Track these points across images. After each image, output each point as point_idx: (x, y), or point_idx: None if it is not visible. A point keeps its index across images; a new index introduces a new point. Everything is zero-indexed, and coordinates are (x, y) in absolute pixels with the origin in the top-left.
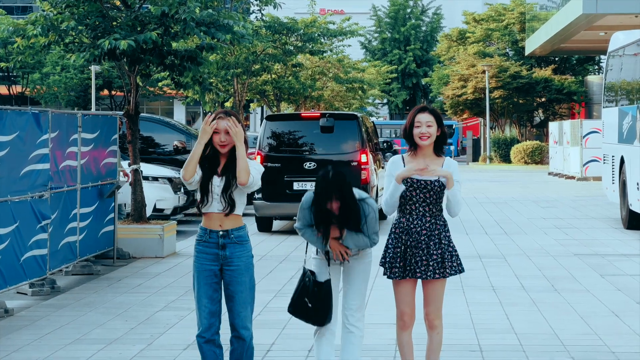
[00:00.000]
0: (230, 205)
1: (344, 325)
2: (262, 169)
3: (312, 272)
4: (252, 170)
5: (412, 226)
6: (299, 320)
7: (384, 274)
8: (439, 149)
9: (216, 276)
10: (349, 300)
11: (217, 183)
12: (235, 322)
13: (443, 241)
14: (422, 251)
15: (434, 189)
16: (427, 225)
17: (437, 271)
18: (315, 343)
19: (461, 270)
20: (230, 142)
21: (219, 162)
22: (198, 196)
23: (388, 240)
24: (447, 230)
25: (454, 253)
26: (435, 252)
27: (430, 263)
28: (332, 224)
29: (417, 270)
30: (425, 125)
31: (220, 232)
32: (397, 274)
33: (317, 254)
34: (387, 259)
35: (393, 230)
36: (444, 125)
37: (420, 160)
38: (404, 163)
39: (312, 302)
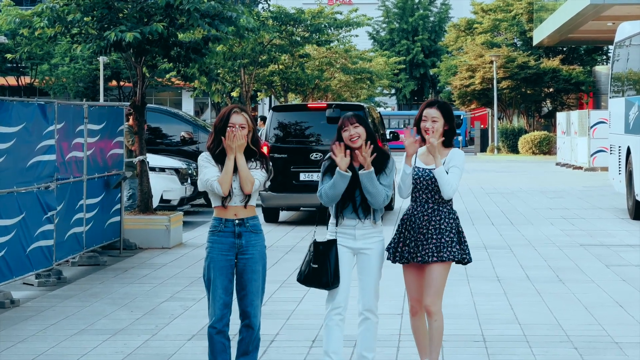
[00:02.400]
0: (248, 196)
1: (360, 313)
2: (265, 175)
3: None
4: (257, 175)
5: (415, 212)
6: (308, 287)
7: (387, 258)
8: (448, 142)
9: (231, 266)
10: (367, 287)
11: (234, 178)
12: (247, 310)
13: (443, 226)
14: (423, 235)
15: (433, 176)
16: (429, 211)
17: (435, 254)
18: (324, 331)
19: (463, 259)
20: (243, 136)
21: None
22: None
23: (395, 227)
24: (451, 218)
25: (454, 239)
26: (434, 237)
27: (427, 247)
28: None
29: (418, 254)
30: (431, 120)
31: (237, 221)
32: (397, 258)
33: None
34: (392, 244)
35: (400, 217)
36: (453, 120)
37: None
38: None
39: (317, 262)
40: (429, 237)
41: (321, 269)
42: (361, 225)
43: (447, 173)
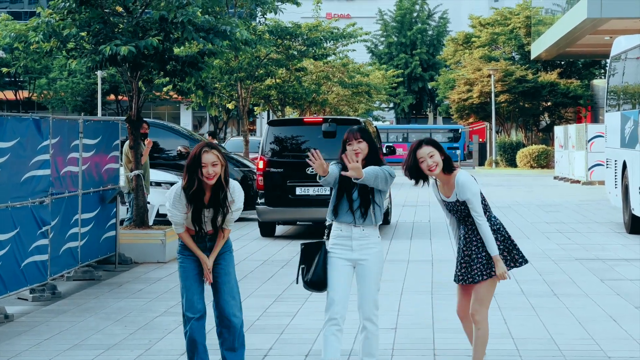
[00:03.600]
0: (216, 229)
1: (360, 321)
2: (241, 207)
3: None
4: (233, 217)
5: (458, 235)
6: (307, 292)
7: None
8: (447, 168)
9: (202, 274)
10: (365, 296)
11: (206, 213)
12: (225, 310)
13: (466, 252)
14: (460, 258)
15: (456, 207)
16: (464, 236)
17: (464, 277)
18: (322, 341)
19: (471, 280)
20: (216, 173)
21: (204, 192)
22: (188, 225)
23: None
24: (473, 241)
25: (470, 263)
26: (463, 260)
27: (460, 268)
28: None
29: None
30: (428, 157)
31: (207, 237)
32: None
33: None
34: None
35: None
36: (443, 149)
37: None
38: (437, 185)
39: (304, 263)
40: (460, 261)
41: (308, 270)
42: (358, 235)
43: (463, 206)
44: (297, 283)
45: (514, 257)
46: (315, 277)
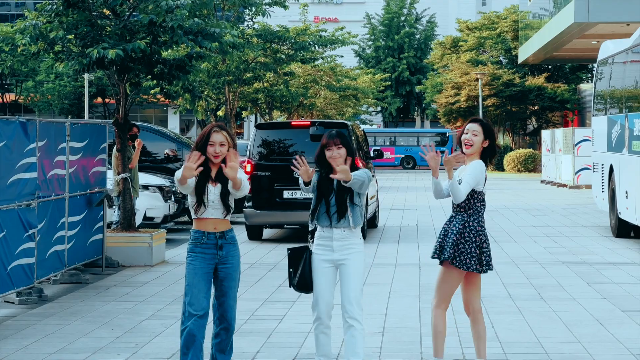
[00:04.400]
0: (227, 210)
1: (344, 320)
2: (248, 186)
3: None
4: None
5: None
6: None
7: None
8: (485, 159)
9: (211, 274)
10: (347, 295)
11: (212, 190)
12: (227, 314)
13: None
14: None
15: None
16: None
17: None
18: (314, 338)
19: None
20: (223, 153)
21: (210, 169)
22: (191, 202)
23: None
24: (456, 226)
25: (453, 244)
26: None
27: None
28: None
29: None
30: (472, 133)
31: (218, 234)
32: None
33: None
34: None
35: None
36: (494, 137)
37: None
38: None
39: (291, 267)
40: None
41: (295, 273)
42: (339, 236)
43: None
44: (289, 286)
45: (482, 261)
46: (302, 280)
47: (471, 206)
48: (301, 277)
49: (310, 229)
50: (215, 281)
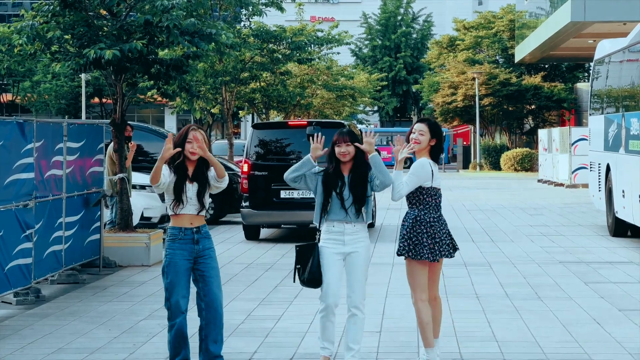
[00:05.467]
0: (202, 206)
1: (348, 309)
2: (227, 179)
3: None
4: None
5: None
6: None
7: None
8: (434, 157)
9: (190, 269)
10: (353, 285)
11: (190, 188)
12: (215, 302)
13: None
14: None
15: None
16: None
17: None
18: (320, 325)
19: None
20: (201, 149)
21: (187, 168)
22: (168, 200)
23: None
24: (407, 220)
25: (407, 237)
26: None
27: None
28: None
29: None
30: (418, 133)
31: (194, 229)
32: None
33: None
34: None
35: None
36: (440, 136)
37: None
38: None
39: (299, 263)
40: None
41: (303, 269)
42: (350, 231)
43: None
44: (293, 282)
45: (434, 250)
46: (311, 276)
47: (421, 201)
48: (310, 272)
49: (318, 227)
50: (196, 274)
